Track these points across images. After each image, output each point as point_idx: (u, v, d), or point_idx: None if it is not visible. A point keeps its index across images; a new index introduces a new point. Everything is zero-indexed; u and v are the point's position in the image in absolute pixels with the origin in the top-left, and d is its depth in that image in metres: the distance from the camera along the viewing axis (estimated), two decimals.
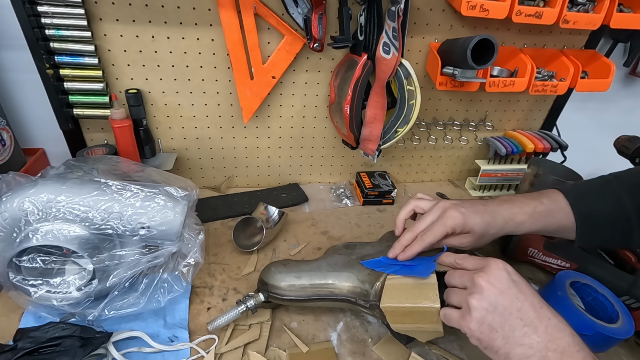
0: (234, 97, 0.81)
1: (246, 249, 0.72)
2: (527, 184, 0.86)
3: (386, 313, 0.50)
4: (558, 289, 0.58)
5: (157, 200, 0.55)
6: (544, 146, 0.92)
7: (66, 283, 0.52)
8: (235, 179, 0.94)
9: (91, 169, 0.60)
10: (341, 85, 0.79)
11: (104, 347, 0.50)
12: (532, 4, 0.73)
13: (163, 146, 0.84)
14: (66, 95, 0.72)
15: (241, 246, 0.72)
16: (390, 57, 0.72)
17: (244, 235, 0.75)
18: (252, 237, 0.76)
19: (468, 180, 1.04)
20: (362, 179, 0.93)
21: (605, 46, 0.94)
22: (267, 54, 0.76)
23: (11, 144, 0.76)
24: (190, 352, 0.52)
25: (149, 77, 0.76)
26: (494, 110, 0.96)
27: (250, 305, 0.55)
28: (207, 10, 0.71)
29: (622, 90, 1.08)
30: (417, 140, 0.94)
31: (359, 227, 0.83)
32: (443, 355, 0.54)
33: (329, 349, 0.54)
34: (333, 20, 0.74)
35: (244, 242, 0.74)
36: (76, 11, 0.65)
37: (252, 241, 0.74)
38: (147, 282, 0.55)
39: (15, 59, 0.74)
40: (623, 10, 0.77)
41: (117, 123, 0.71)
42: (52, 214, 0.50)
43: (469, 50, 0.68)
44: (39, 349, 0.46)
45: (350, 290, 0.55)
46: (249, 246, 0.72)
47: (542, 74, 0.84)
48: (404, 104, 0.77)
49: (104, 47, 0.71)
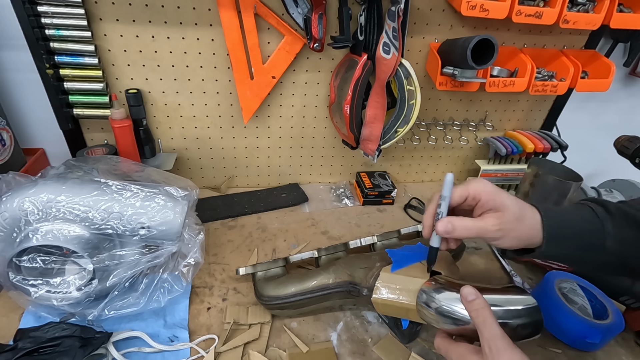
0: (234, 97, 0.81)
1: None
2: (527, 184, 0.86)
3: (376, 305, 0.52)
4: (547, 289, 0.60)
5: (157, 200, 0.55)
6: (544, 146, 0.92)
7: (66, 283, 0.52)
8: (235, 179, 0.94)
9: (91, 169, 0.60)
10: (341, 85, 0.79)
11: (104, 347, 0.50)
12: (532, 4, 0.73)
13: (163, 146, 0.84)
14: (66, 95, 0.72)
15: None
16: (390, 57, 0.72)
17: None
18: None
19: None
20: (362, 179, 0.93)
21: (605, 46, 0.94)
22: (267, 54, 0.76)
23: (11, 144, 0.76)
24: (190, 352, 0.52)
25: (149, 77, 0.76)
26: (494, 110, 0.96)
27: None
28: (207, 10, 0.71)
29: (622, 90, 1.08)
30: (417, 140, 0.94)
31: (359, 227, 0.83)
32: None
33: (329, 349, 0.54)
34: (333, 20, 0.74)
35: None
36: (76, 11, 0.65)
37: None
38: (147, 282, 0.55)
39: (15, 59, 0.74)
40: (623, 10, 0.77)
41: (117, 123, 0.71)
42: (52, 214, 0.50)
43: (469, 50, 0.68)
44: (39, 349, 0.46)
45: (338, 283, 0.56)
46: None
47: (542, 74, 0.84)
48: (404, 104, 0.77)
49: (104, 47, 0.71)
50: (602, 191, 1.04)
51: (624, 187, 1.07)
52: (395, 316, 0.54)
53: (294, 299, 0.56)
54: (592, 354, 0.56)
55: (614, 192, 1.04)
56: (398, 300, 0.51)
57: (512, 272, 0.70)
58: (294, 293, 0.56)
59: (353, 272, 0.57)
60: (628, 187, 1.06)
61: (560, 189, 0.81)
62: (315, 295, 0.56)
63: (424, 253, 0.56)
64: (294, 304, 0.56)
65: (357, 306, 0.61)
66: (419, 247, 0.59)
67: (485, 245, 0.79)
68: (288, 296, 0.56)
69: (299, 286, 0.57)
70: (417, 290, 0.51)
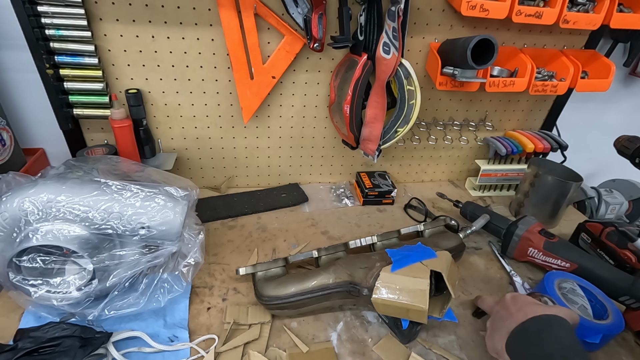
0: (234, 97, 0.81)
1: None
2: (527, 184, 0.86)
3: (376, 305, 0.53)
4: (548, 289, 0.60)
5: (157, 200, 0.55)
6: (544, 146, 0.92)
7: (66, 283, 0.52)
8: (235, 179, 0.94)
9: (91, 169, 0.60)
10: (341, 85, 0.79)
11: (104, 347, 0.50)
12: (532, 4, 0.73)
13: (163, 146, 0.84)
14: (66, 95, 0.72)
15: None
16: (390, 57, 0.72)
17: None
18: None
19: (468, 180, 1.04)
20: (362, 179, 0.93)
21: (605, 46, 0.94)
22: (267, 54, 0.76)
23: (11, 144, 0.76)
24: (190, 352, 0.52)
25: (149, 77, 0.76)
26: (494, 110, 0.96)
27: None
28: (207, 10, 0.71)
29: (622, 90, 1.08)
30: (417, 140, 0.94)
31: (359, 227, 0.83)
32: (443, 355, 0.54)
33: (329, 349, 0.54)
34: (333, 20, 0.74)
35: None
36: (76, 11, 0.65)
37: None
38: (147, 282, 0.55)
39: (15, 59, 0.74)
40: (623, 10, 0.77)
41: (117, 123, 0.71)
42: (52, 214, 0.50)
43: (469, 50, 0.68)
44: (39, 349, 0.46)
45: (338, 283, 0.57)
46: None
47: (542, 74, 0.84)
48: (404, 104, 0.77)
49: (104, 47, 0.71)
50: (602, 191, 1.04)
51: (624, 187, 1.07)
52: (395, 316, 0.54)
53: (294, 299, 0.56)
54: (592, 354, 0.56)
55: (614, 192, 1.05)
56: (398, 300, 0.51)
57: (512, 272, 0.70)
58: (294, 293, 0.56)
59: (353, 272, 0.57)
60: (628, 187, 1.06)
61: (560, 189, 0.81)
62: (315, 295, 0.56)
63: (424, 253, 0.56)
64: (294, 304, 0.56)
65: (357, 306, 0.61)
66: (419, 247, 0.59)
67: (486, 245, 0.79)
68: (288, 296, 0.56)
69: (299, 286, 0.57)
70: (417, 290, 0.51)
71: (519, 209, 0.89)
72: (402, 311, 0.52)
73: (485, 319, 0.58)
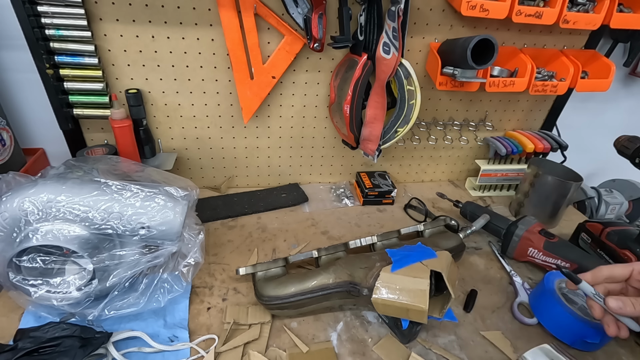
0: (234, 97, 0.81)
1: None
2: (527, 184, 0.86)
3: (376, 305, 0.53)
4: (548, 288, 0.60)
5: (157, 200, 0.55)
6: (544, 146, 0.92)
7: (66, 283, 0.52)
8: (235, 179, 0.94)
9: (91, 169, 0.60)
10: (341, 85, 0.79)
11: (104, 347, 0.50)
12: (532, 4, 0.73)
13: (163, 146, 0.84)
14: (66, 95, 0.72)
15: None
16: (390, 57, 0.72)
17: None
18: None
19: (468, 180, 1.04)
20: (362, 179, 0.93)
21: (605, 46, 0.94)
22: (267, 54, 0.76)
23: (11, 144, 0.76)
24: (190, 352, 0.52)
25: (149, 77, 0.76)
26: (494, 110, 0.96)
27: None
28: (207, 10, 0.71)
29: (622, 90, 1.08)
30: (417, 140, 0.95)
31: (359, 227, 0.83)
32: (443, 355, 0.54)
33: (329, 349, 0.54)
34: (333, 20, 0.74)
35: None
36: (76, 11, 0.65)
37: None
38: (147, 282, 0.55)
39: (15, 59, 0.74)
40: (623, 10, 0.77)
41: (117, 123, 0.71)
42: (52, 214, 0.50)
43: (469, 50, 0.68)
44: (39, 349, 0.46)
45: (338, 283, 0.57)
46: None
47: (542, 74, 0.84)
48: (404, 104, 0.77)
49: (104, 47, 0.71)
50: (602, 191, 1.04)
51: (624, 187, 1.07)
52: (395, 316, 0.54)
53: (294, 299, 0.56)
54: (592, 354, 0.56)
55: (614, 192, 1.05)
56: (398, 300, 0.51)
57: (512, 272, 0.70)
58: (294, 293, 0.56)
59: (353, 272, 0.57)
60: (628, 187, 1.06)
61: (560, 189, 0.81)
62: (315, 295, 0.56)
63: (424, 253, 0.56)
64: (294, 304, 0.56)
65: (357, 306, 0.61)
66: (419, 247, 0.59)
67: (486, 245, 0.79)
68: (288, 296, 0.56)
69: (299, 286, 0.57)
70: (417, 290, 0.51)
71: (519, 209, 0.89)
72: (402, 311, 0.52)
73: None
